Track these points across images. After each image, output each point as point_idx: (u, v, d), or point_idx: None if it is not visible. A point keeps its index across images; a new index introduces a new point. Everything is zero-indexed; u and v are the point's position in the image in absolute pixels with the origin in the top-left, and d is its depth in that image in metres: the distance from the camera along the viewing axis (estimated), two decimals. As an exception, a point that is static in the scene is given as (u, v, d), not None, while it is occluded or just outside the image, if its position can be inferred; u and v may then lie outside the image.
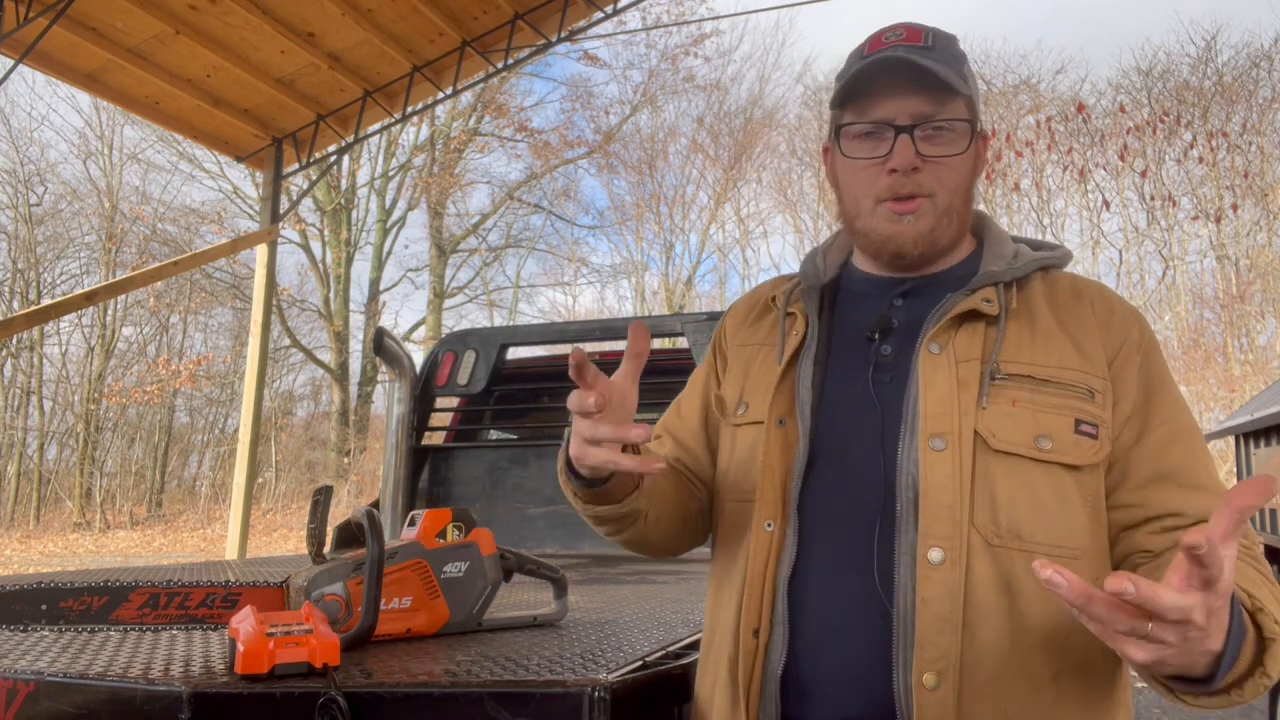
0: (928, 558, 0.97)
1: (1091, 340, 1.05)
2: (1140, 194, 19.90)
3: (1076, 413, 1.01)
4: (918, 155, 1.07)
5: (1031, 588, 0.97)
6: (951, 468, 0.99)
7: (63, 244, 22.57)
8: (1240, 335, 17.99)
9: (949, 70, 1.06)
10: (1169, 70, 20.28)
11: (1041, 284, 1.10)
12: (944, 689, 0.95)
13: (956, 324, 1.06)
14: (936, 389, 1.02)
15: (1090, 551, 1.01)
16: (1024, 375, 1.02)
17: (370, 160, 22.45)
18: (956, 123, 1.08)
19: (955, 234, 1.12)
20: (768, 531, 1.07)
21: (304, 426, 24.48)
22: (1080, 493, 1.01)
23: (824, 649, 1.03)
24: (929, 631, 0.96)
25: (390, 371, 3.48)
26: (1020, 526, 0.98)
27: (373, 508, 1.53)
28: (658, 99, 24.53)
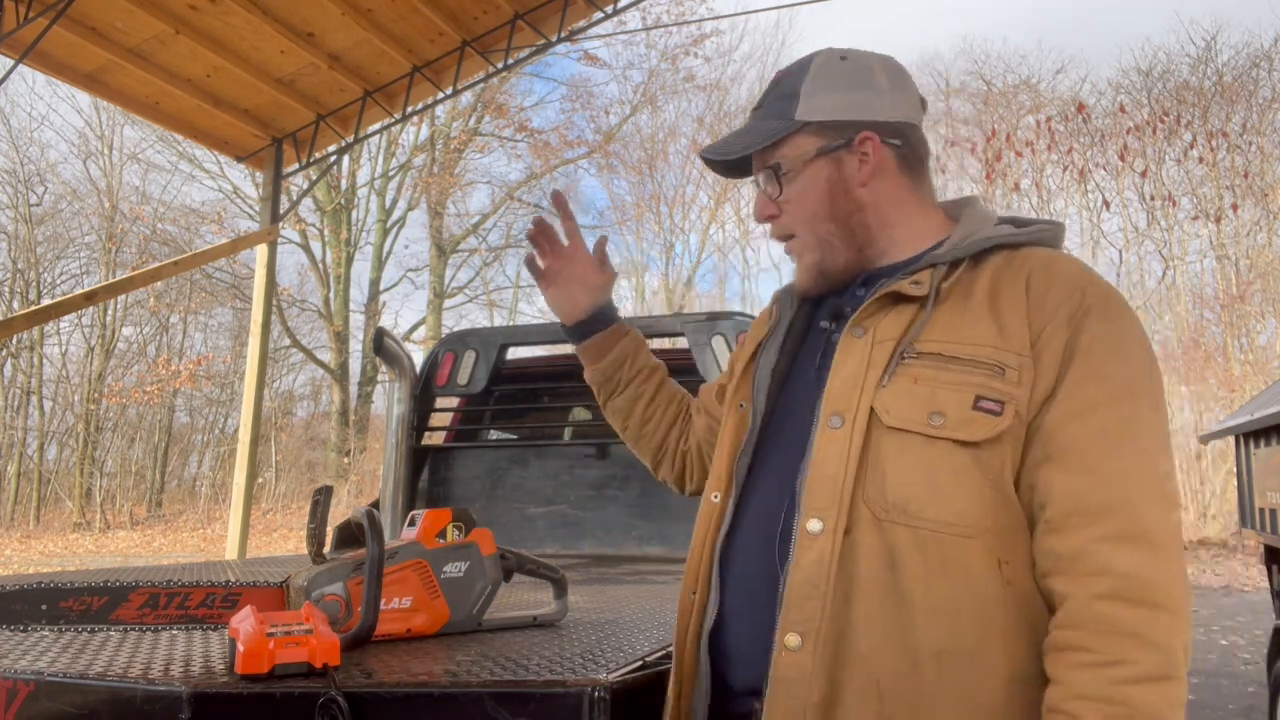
0: (807, 527, 1.02)
1: (1016, 317, 1.02)
2: (1140, 194, 19.91)
3: (979, 389, 0.99)
4: (769, 202, 1.19)
5: (916, 563, 0.97)
6: (842, 444, 1.02)
7: (63, 244, 22.58)
8: (1240, 335, 17.99)
9: (769, 121, 1.17)
10: (1169, 70, 20.30)
11: (998, 262, 1.08)
12: (805, 652, 0.98)
13: (886, 306, 1.08)
14: (845, 369, 1.06)
15: (991, 531, 0.97)
16: (935, 354, 1.02)
17: (370, 160, 22.46)
18: (784, 159, 1.16)
19: (850, 252, 1.16)
20: (713, 503, 1.17)
21: (304, 426, 24.49)
22: (981, 470, 0.98)
23: (742, 615, 1.10)
24: (796, 595, 1.00)
25: (390, 371, 3.48)
26: (908, 503, 0.99)
27: (373, 508, 1.53)
28: (658, 99, 24.55)
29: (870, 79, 1.17)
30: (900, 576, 0.97)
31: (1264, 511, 4.51)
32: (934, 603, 0.96)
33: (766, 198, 1.19)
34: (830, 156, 1.15)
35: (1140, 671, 0.87)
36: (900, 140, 1.16)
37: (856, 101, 1.15)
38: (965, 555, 0.97)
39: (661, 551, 3.19)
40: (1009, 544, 0.98)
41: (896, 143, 1.16)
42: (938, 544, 0.97)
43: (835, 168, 1.15)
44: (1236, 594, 10.67)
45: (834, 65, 1.17)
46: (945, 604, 0.96)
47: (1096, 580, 0.91)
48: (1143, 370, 1.00)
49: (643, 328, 3.98)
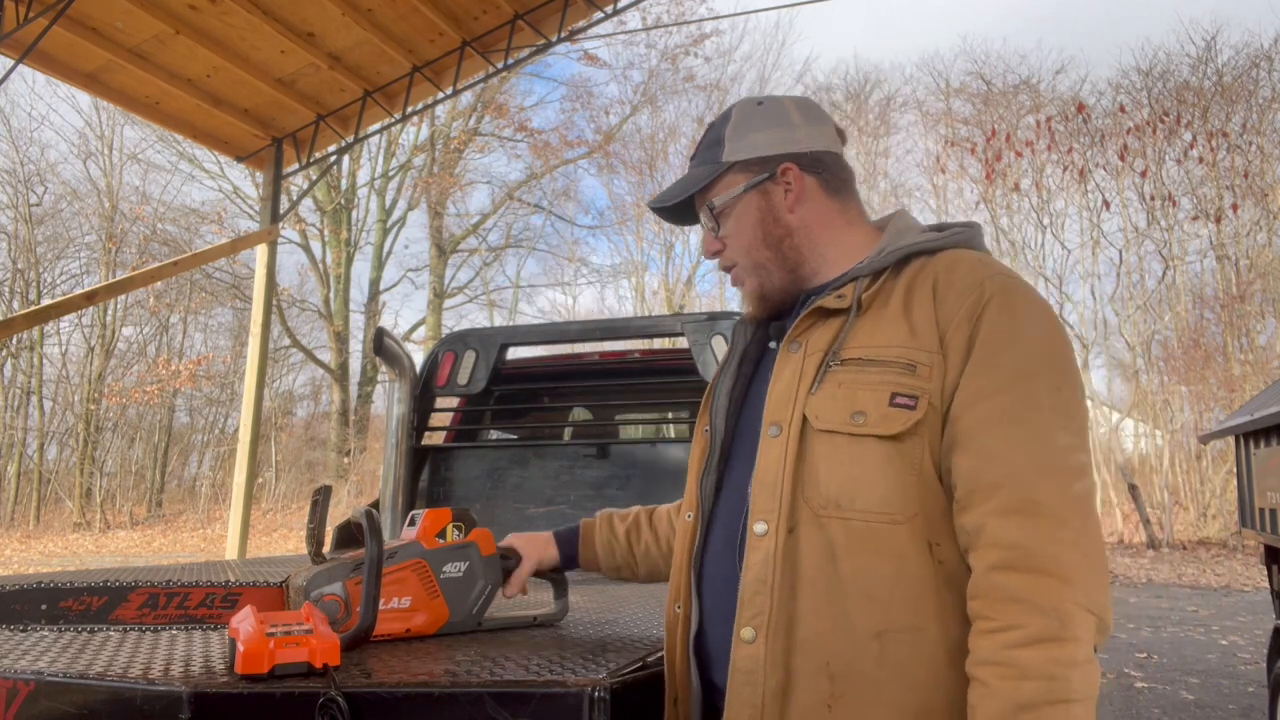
0: (754, 529, 1.11)
1: (925, 318, 1.09)
2: (1140, 194, 19.90)
3: (894, 386, 1.07)
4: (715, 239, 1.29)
5: (852, 552, 1.05)
6: (779, 451, 1.11)
7: (63, 244, 22.58)
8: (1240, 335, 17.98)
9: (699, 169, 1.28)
10: (1169, 70, 20.29)
11: (914, 268, 1.16)
12: (759, 643, 1.07)
13: (817, 321, 1.17)
14: (781, 382, 1.16)
15: (919, 516, 1.05)
16: (856, 359, 1.10)
17: (370, 160, 22.47)
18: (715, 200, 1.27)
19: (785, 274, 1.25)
20: (687, 521, 1.27)
21: (304, 426, 24.49)
22: (903, 460, 1.05)
23: (716, 621, 1.18)
24: (748, 592, 1.09)
25: (390, 371, 3.48)
26: (839, 497, 1.07)
27: (372, 508, 1.53)
28: (658, 99, 24.55)
29: (785, 117, 1.27)
30: (839, 566, 1.05)
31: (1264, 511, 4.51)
32: (870, 587, 1.04)
33: (711, 235, 1.29)
34: (758, 190, 1.25)
35: (1026, 635, 0.93)
36: (821, 168, 1.26)
37: (775, 138, 1.26)
38: (896, 541, 1.04)
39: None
40: (937, 527, 1.05)
41: (818, 170, 1.25)
42: (870, 533, 1.05)
43: (764, 199, 1.25)
44: (1236, 594, 10.67)
45: (752, 110, 1.29)
46: (880, 587, 1.04)
47: (990, 552, 0.98)
48: (1037, 354, 1.06)
49: (643, 328, 3.99)
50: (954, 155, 21.76)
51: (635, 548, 1.53)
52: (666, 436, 4.66)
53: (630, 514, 1.57)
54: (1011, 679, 0.92)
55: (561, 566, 1.56)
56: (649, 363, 3.89)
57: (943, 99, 23.32)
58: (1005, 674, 0.93)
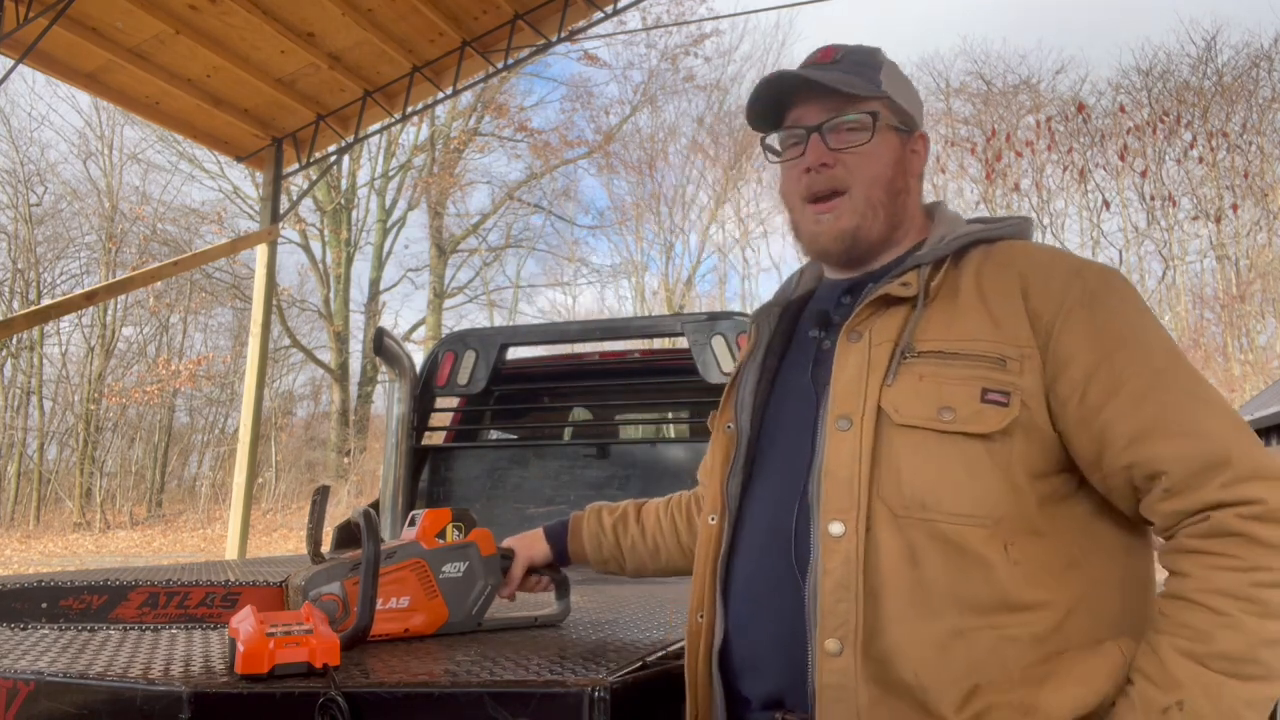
0: (829, 530, 1.03)
1: (1012, 311, 1.05)
2: (1140, 194, 19.91)
3: (984, 382, 1.01)
4: (828, 150, 1.16)
5: (935, 556, 0.99)
6: (853, 445, 1.04)
7: (63, 244, 22.58)
8: (1240, 335, 17.99)
9: (852, 78, 1.16)
10: (1169, 70, 20.30)
11: (978, 258, 1.12)
12: (845, 654, 1.00)
13: (879, 309, 1.10)
14: (847, 372, 1.08)
15: (1007, 521, 1.00)
16: (934, 351, 1.05)
17: (370, 160, 22.46)
18: (864, 116, 1.16)
19: (884, 228, 1.18)
20: (711, 525, 1.20)
21: (304, 426, 24.49)
22: (992, 461, 1.01)
23: (749, 629, 1.12)
24: (829, 600, 1.01)
25: (390, 371, 3.48)
26: (924, 496, 1.01)
27: (372, 508, 1.53)
28: (658, 99, 24.55)
29: (915, 92, 1.25)
30: (922, 570, 1.00)
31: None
32: (955, 590, 0.99)
33: (825, 146, 1.16)
34: (899, 135, 1.19)
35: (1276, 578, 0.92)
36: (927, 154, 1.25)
37: (914, 102, 1.22)
38: (979, 543, 1.00)
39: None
40: (1012, 528, 1.01)
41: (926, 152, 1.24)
42: (955, 535, 1.00)
43: (901, 147, 1.19)
44: (1236, 594, 10.65)
45: (894, 65, 1.23)
46: (963, 590, 0.99)
47: (1242, 508, 0.93)
48: (1163, 331, 1.04)
49: (643, 328, 3.99)
50: (954, 155, 21.76)
51: (621, 541, 1.51)
52: (666, 436, 4.66)
53: (619, 508, 1.55)
54: (1259, 615, 0.91)
55: (555, 562, 1.54)
56: (649, 363, 3.90)
57: (943, 99, 23.31)
58: (1252, 609, 0.91)
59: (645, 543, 1.50)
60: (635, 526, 1.51)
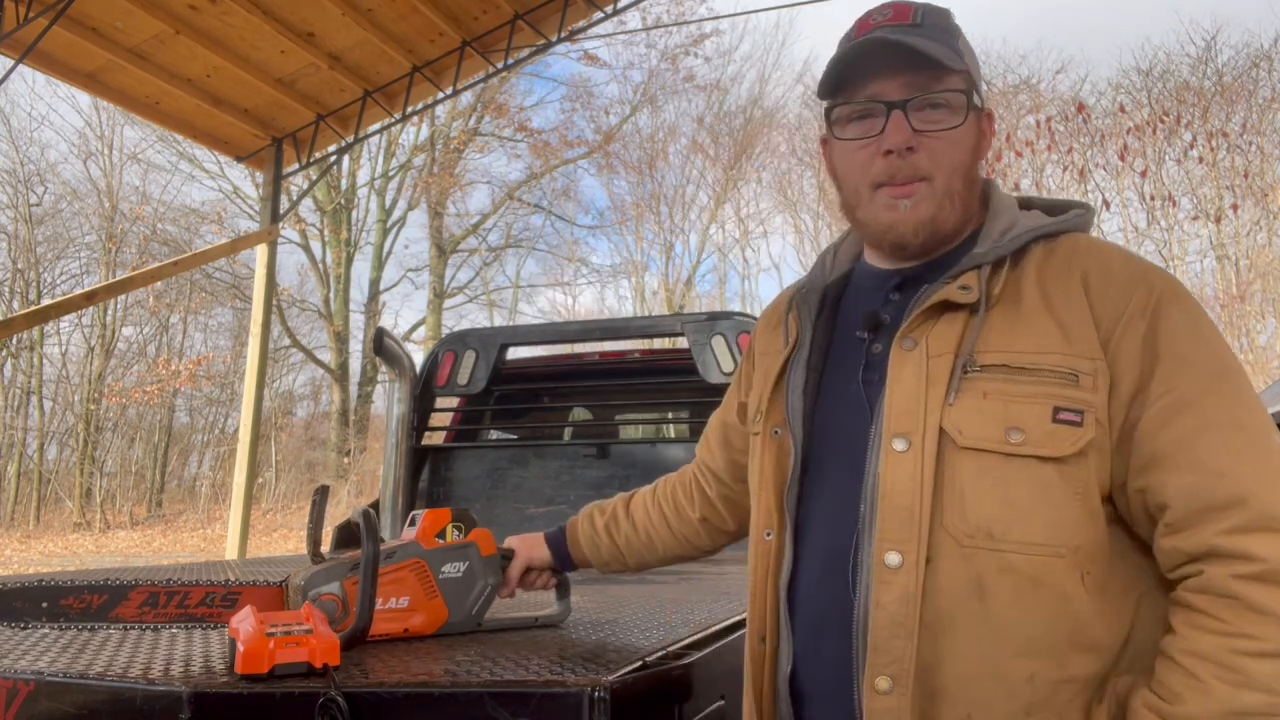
0: (884, 561, 0.96)
1: (1079, 317, 0.96)
2: (1140, 194, 19.90)
3: (1055, 400, 0.94)
4: (913, 132, 1.03)
5: (1005, 589, 0.93)
6: (913, 468, 0.96)
7: (63, 244, 22.58)
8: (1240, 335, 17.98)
9: (940, 46, 1.02)
10: (1169, 70, 20.29)
11: (1039, 256, 1.02)
12: (897, 694, 0.94)
13: (935, 315, 1.01)
14: (903, 387, 0.99)
15: (1084, 549, 0.94)
16: (999, 365, 0.96)
17: (370, 160, 22.45)
18: (951, 94, 1.04)
19: (959, 218, 1.07)
20: (767, 540, 1.11)
21: (304, 426, 24.48)
22: (1067, 485, 0.93)
23: (815, 655, 1.05)
24: (882, 636, 0.95)
25: (390, 371, 3.48)
26: (992, 525, 0.94)
27: (372, 508, 1.53)
28: (658, 99, 24.53)
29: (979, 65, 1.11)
30: (989, 604, 0.93)
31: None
32: (1027, 627, 0.93)
33: (909, 126, 1.03)
34: (977, 116, 1.07)
35: (1262, 647, 0.86)
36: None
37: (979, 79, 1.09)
38: (1054, 574, 0.93)
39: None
40: (1091, 555, 0.95)
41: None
42: (1028, 566, 0.93)
43: (978, 129, 1.08)
44: (1236, 594, 10.65)
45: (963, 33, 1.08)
46: (1037, 627, 0.93)
47: (1237, 564, 0.87)
48: (1225, 352, 0.96)
49: (643, 328, 3.99)
50: (954, 155, 21.73)
51: (616, 540, 1.49)
52: (666, 436, 4.66)
53: (608, 506, 1.52)
54: (1233, 684, 0.86)
55: (557, 567, 1.53)
56: (649, 363, 3.90)
57: (943, 99, 23.27)
58: (1227, 677, 0.86)
59: (639, 536, 1.48)
60: (626, 523, 1.49)
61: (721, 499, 1.43)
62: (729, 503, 1.43)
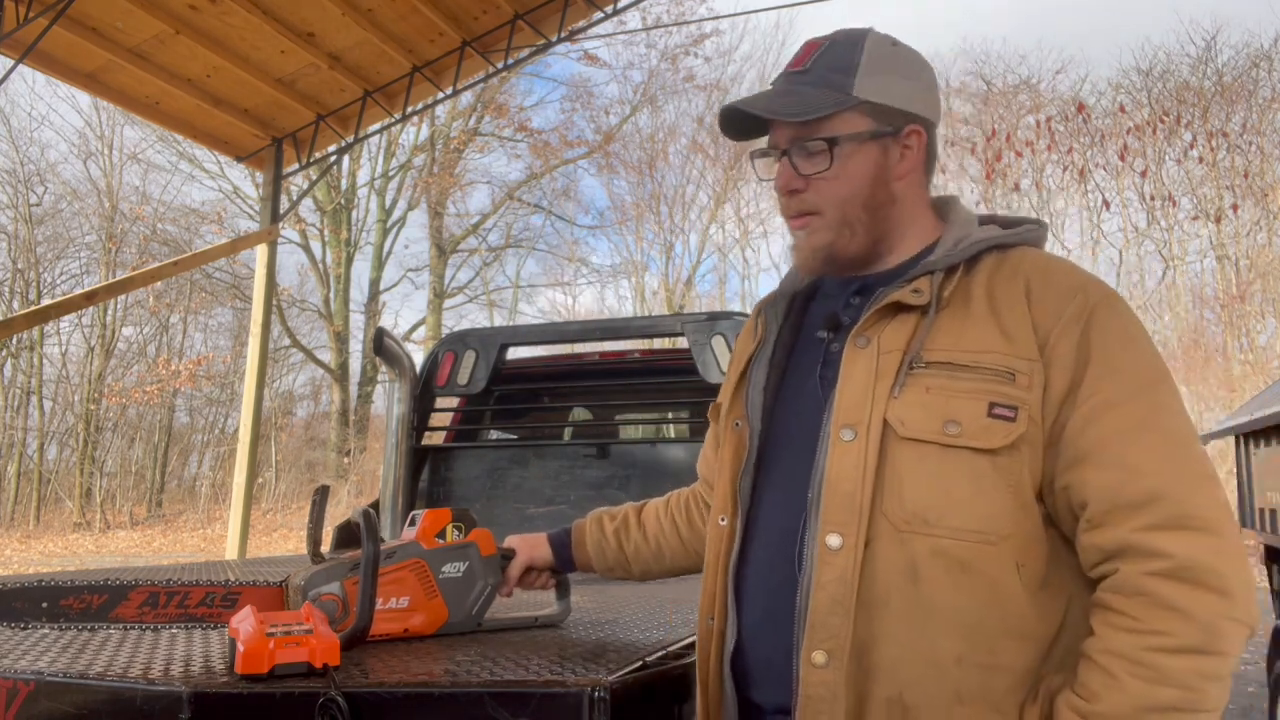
0: (826, 543, 1.02)
1: (1019, 321, 1.02)
2: (1140, 194, 19.90)
3: (992, 395, 0.99)
4: (797, 176, 1.12)
5: (937, 572, 0.98)
6: (858, 457, 1.02)
7: (63, 244, 22.58)
8: (1240, 335, 17.98)
9: (820, 91, 1.10)
10: (1169, 70, 20.29)
11: (991, 265, 1.09)
12: (832, 667, 0.99)
13: (889, 315, 1.07)
14: (853, 381, 1.06)
15: (1016, 539, 0.98)
16: (943, 362, 1.02)
17: (370, 160, 22.46)
18: (820, 143, 1.11)
19: (865, 241, 1.14)
20: (721, 526, 1.17)
21: (304, 426, 24.48)
22: (999, 476, 0.99)
23: (761, 636, 1.10)
24: (820, 613, 1.01)
25: (390, 371, 3.48)
26: (927, 512, 0.99)
27: (372, 508, 1.53)
28: (658, 99, 24.54)
29: (918, 72, 1.16)
30: (922, 587, 0.98)
31: (1264, 511, 4.51)
32: (955, 611, 0.97)
33: (794, 170, 1.12)
34: (879, 142, 1.12)
35: (1175, 644, 0.90)
36: (932, 140, 1.16)
37: (909, 91, 1.13)
38: (986, 561, 0.98)
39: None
40: (1026, 548, 0.99)
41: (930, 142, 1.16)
42: (960, 551, 0.98)
43: (882, 155, 1.12)
44: (1236, 594, 10.65)
45: (888, 50, 1.14)
46: (967, 612, 0.97)
47: (1149, 561, 0.92)
48: (1154, 359, 1.01)
49: (643, 328, 3.99)
50: (954, 155, 21.75)
51: (625, 547, 1.49)
52: (666, 436, 4.67)
53: (619, 513, 1.53)
54: (1147, 681, 0.89)
55: (558, 569, 1.53)
56: (649, 363, 3.90)
57: (942, 99, 23.28)
58: (1141, 674, 0.90)
59: (649, 545, 1.48)
60: (637, 531, 1.49)
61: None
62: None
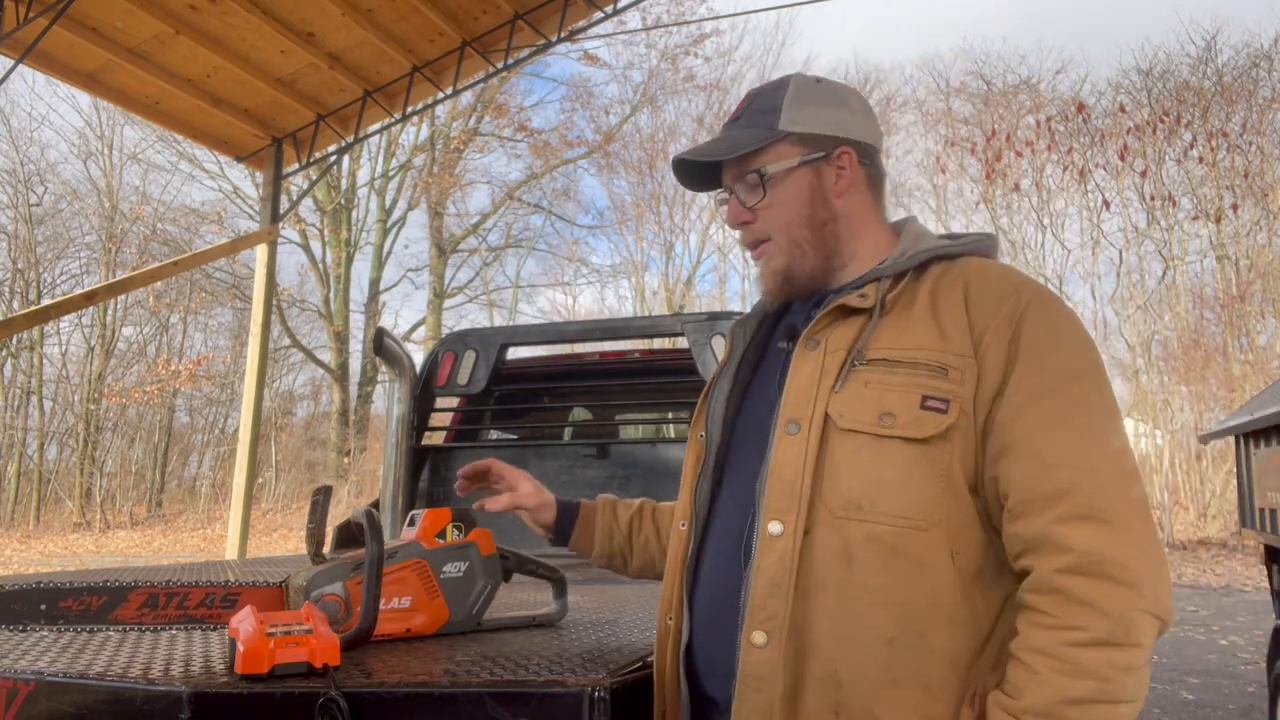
0: (768, 530, 1.07)
1: (956, 322, 1.08)
2: (1140, 194, 19.90)
3: (924, 389, 1.05)
4: (744, 210, 1.23)
5: (870, 556, 1.03)
6: (800, 448, 1.08)
7: (63, 244, 22.59)
8: (1240, 335, 17.98)
9: (751, 131, 1.21)
10: (1169, 70, 20.29)
11: (937, 273, 1.15)
12: (771, 647, 1.04)
13: (838, 319, 1.14)
14: (799, 379, 1.12)
15: (947, 526, 1.03)
16: (882, 359, 1.08)
17: (370, 160, 22.47)
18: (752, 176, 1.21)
19: (817, 259, 1.21)
20: (681, 530, 1.24)
21: (304, 426, 24.50)
22: (930, 465, 1.04)
23: (711, 630, 1.15)
24: (760, 595, 1.06)
25: (390, 371, 3.48)
26: (861, 499, 1.05)
27: (372, 508, 1.53)
28: (658, 99, 24.56)
29: (844, 101, 1.25)
30: (855, 570, 1.04)
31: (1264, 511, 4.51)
32: (885, 593, 1.02)
33: (740, 205, 1.23)
34: (811, 166, 1.21)
35: (1089, 637, 0.94)
36: (869, 160, 1.24)
37: (834, 118, 1.23)
38: (917, 546, 1.03)
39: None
40: (960, 535, 1.04)
41: (867, 162, 1.24)
42: (891, 537, 1.03)
43: (815, 177, 1.21)
44: (1236, 594, 10.67)
45: (810, 86, 1.24)
46: (896, 593, 1.02)
47: (1058, 556, 0.96)
48: (1082, 357, 1.06)
49: (643, 328, 3.99)
50: (954, 155, 21.76)
51: (635, 538, 1.49)
52: (666, 436, 4.66)
53: (635, 504, 1.53)
54: (1065, 674, 0.93)
55: (553, 537, 1.51)
56: (649, 363, 3.89)
57: (943, 99, 23.31)
58: (1059, 668, 0.93)
59: (659, 543, 1.49)
60: (650, 526, 1.50)
61: None
62: None
